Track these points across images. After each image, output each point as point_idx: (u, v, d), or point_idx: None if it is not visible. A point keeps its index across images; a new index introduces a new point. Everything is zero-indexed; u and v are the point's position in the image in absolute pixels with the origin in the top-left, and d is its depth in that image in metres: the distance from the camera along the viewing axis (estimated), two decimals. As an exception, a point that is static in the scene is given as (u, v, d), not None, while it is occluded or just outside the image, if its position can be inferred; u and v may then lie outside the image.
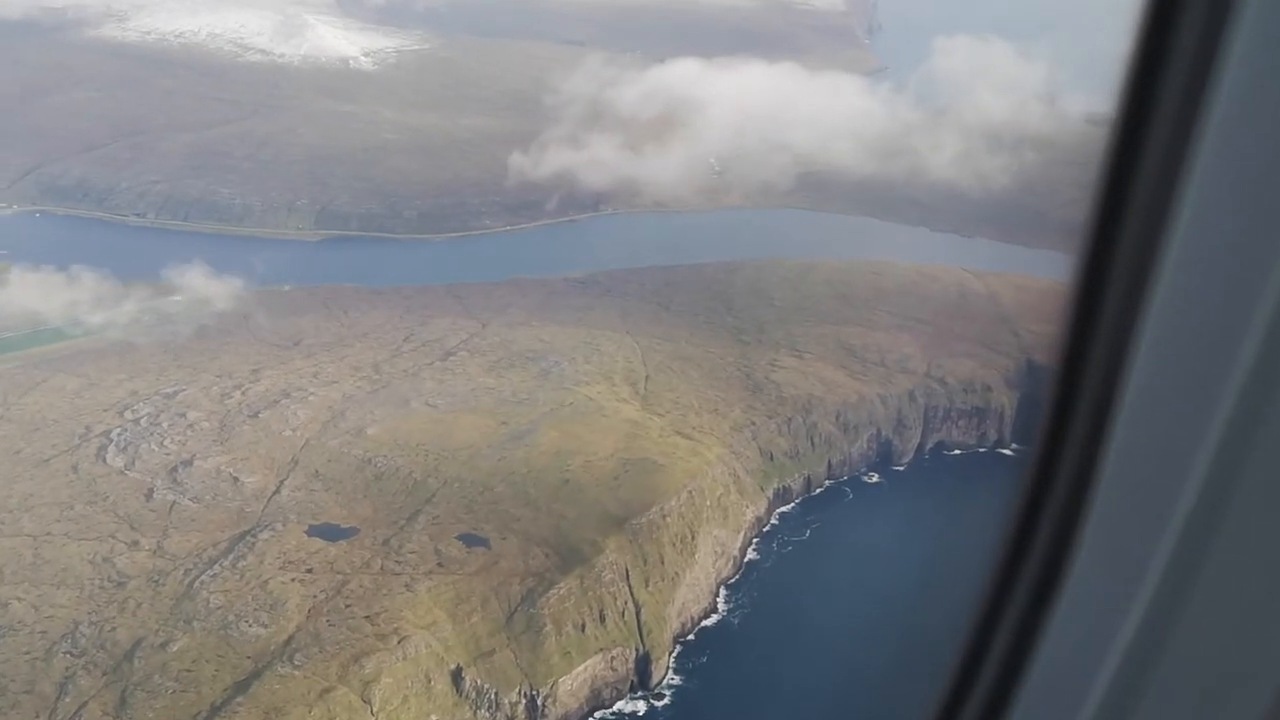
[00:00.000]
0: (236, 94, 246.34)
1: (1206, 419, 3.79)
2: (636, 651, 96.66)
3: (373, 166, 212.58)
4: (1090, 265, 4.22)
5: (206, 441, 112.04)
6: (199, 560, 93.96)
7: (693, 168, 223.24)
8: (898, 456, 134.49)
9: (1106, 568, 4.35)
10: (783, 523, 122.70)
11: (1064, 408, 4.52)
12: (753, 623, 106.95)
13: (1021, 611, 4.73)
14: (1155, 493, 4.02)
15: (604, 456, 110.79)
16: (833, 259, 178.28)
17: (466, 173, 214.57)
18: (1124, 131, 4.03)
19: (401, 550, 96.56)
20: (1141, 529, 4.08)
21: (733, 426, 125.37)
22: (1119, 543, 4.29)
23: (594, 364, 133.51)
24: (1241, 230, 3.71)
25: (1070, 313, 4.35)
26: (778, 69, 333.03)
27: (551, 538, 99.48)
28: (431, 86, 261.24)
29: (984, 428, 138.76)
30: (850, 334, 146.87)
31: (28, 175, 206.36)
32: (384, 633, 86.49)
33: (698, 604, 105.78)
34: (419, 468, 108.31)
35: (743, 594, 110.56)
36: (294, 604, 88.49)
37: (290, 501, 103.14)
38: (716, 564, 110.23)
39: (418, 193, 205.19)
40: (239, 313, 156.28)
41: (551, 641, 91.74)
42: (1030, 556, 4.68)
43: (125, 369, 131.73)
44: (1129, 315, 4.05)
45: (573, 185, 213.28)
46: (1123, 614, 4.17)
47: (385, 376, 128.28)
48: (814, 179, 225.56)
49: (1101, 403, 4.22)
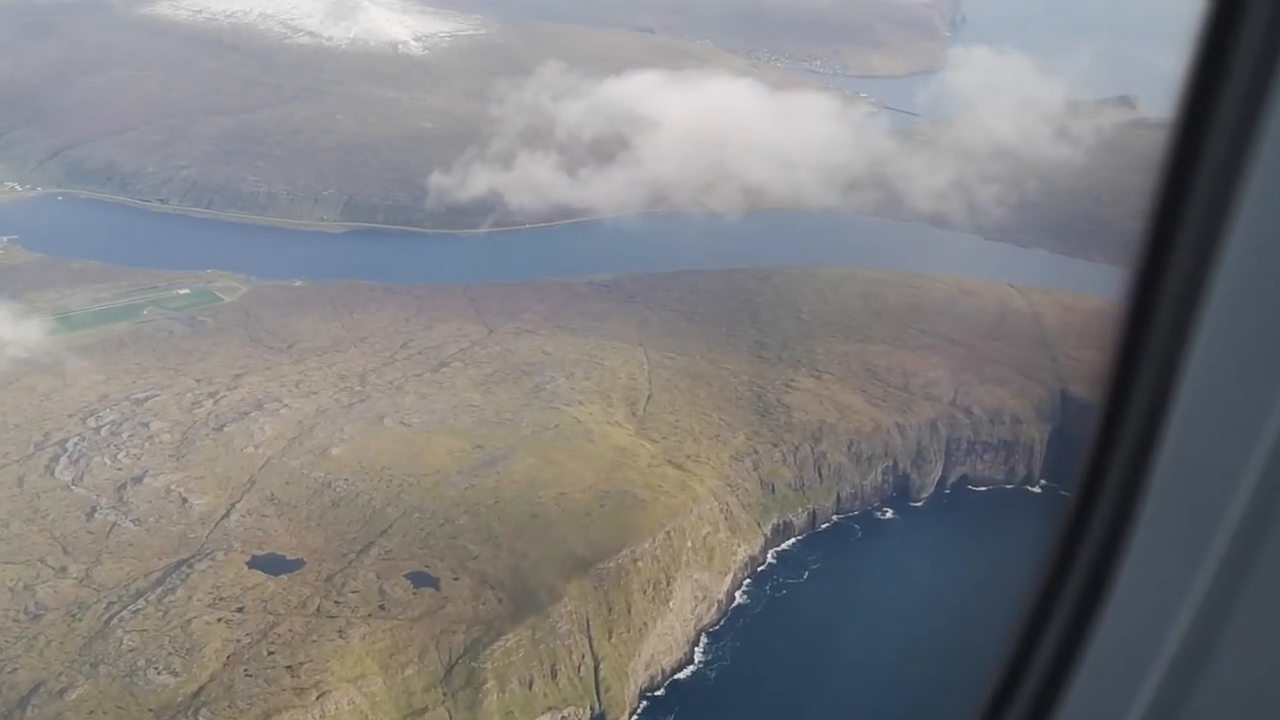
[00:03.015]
0: (279, 77, 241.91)
1: (1256, 433, 3.88)
2: (592, 710, 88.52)
3: (407, 156, 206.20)
4: (1144, 273, 4.29)
5: (162, 456, 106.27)
6: (125, 592, 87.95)
7: (741, 169, 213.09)
8: (915, 491, 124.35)
9: (1153, 581, 4.38)
10: (780, 563, 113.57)
11: (1114, 417, 4.57)
12: (730, 676, 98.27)
13: (1067, 622, 4.78)
14: (1201, 509, 4.10)
15: (581, 489, 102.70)
16: (871, 269, 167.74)
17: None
18: (1182, 138, 4.07)
19: (344, 589, 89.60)
20: (1187, 546, 4.14)
21: (733, 455, 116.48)
22: (1164, 560, 4.34)
23: (593, 380, 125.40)
24: None
25: (1123, 320, 4.44)
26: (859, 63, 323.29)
27: (508, 580, 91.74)
28: (481, 73, 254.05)
29: (1012, 463, 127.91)
30: (876, 353, 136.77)
31: (55, 156, 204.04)
32: (304, 686, 79.53)
33: (670, 655, 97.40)
34: (380, 494, 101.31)
35: (724, 643, 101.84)
36: (213, 649, 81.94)
37: (238, 528, 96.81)
38: (697, 610, 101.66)
39: (449, 185, 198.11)
40: (242, 309, 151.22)
41: (493, 699, 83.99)
42: (1076, 568, 4.74)
43: (105, 369, 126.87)
44: (1182, 323, 4.13)
45: (615, 183, 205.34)
46: (1169, 627, 4.23)
47: (368, 388, 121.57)
48: (873, 182, 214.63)
49: (1152, 412, 4.28)
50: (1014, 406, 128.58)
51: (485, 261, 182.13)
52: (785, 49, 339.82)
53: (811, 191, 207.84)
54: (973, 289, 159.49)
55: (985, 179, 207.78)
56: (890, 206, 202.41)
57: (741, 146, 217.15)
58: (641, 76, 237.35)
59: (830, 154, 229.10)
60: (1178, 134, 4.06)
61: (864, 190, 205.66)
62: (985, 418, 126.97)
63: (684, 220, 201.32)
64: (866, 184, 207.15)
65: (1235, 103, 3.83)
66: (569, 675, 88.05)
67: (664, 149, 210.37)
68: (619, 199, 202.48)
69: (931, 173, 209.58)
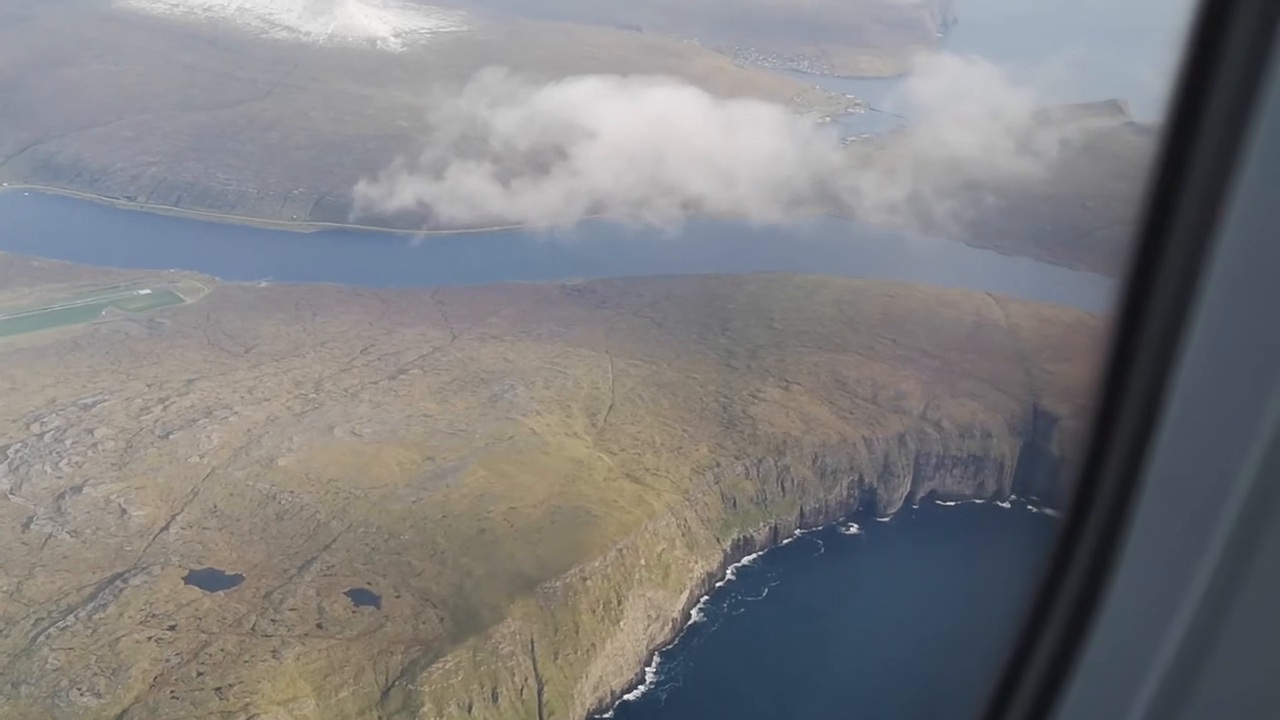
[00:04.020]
0: (254, 72, 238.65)
1: (1250, 439, 3.89)
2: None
3: (379, 155, 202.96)
4: (1134, 280, 4.29)
5: (105, 465, 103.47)
6: (56, 608, 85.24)
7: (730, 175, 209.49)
8: (882, 506, 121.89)
9: (1147, 589, 4.38)
10: (740, 579, 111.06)
11: (1106, 422, 4.54)
12: (682, 697, 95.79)
13: (1062, 631, 4.79)
14: (1195, 516, 4.11)
15: (532, 503, 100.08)
16: (848, 277, 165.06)
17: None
18: (1171, 142, 4.08)
19: (282, 606, 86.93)
20: (1181, 553, 4.16)
21: (694, 468, 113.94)
22: (1157, 568, 4.34)
23: (554, 389, 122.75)
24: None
25: (1113, 328, 4.47)
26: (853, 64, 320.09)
27: (451, 598, 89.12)
28: (460, 71, 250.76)
29: (981, 478, 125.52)
30: (846, 364, 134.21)
31: (24, 151, 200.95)
32: (231, 709, 76.88)
33: (621, 676, 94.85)
34: (325, 507, 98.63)
35: (678, 663, 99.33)
36: (141, 669, 79.25)
37: (177, 541, 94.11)
38: (650, 629, 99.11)
39: (418, 185, 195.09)
40: (203, 310, 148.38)
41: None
42: (1070, 576, 4.74)
43: (57, 371, 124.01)
44: (1173, 330, 4.14)
45: (593, 183, 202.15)
46: (1163, 634, 4.24)
47: (322, 396, 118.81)
48: (849, 189, 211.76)
49: (1145, 417, 4.27)
50: (985, 421, 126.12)
51: (459, 263, 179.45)
52: (773, 49, 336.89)
53: (793, 199, 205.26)
54: (950, 298, 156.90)
55: (966, 185, 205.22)
56: (869, 213, 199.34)
57: (742, 152, 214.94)
58: (590, 82, 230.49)
59: (815, 160, 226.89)
60: (1167, 138, 4.03)
61: (842, 197, 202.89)
62: (955, 432, 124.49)
63: (672, 224, 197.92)
64: (844, 191, 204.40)
65: (1224, 106, 3.80)
66: (510, 698, 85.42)
67: (605, 159, 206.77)
68: (573, 205, 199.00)
69: (914, 178, 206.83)
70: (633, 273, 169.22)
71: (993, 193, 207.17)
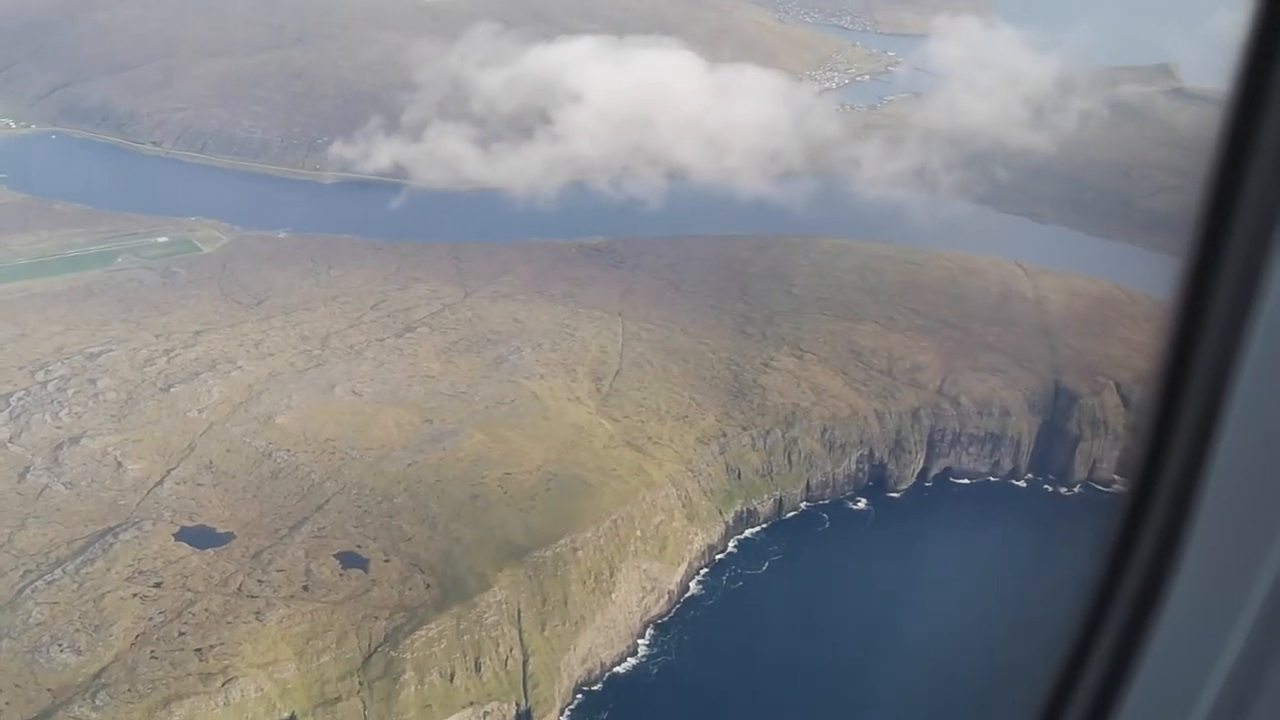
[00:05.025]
0: (285, 18, 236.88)
1: None
2: (518, 706, 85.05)
3: (405, 107, 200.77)
4: (1198, 262, 4.09)
5: (104, 416, 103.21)
6: (45, 560, 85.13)
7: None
8: (893, 482, 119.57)
9: (1211, 584, 4.25)
10: (741, 551, 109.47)
11: (1168, 410, 4.40)
12: (674, 670, 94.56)
13: (1122, 626, 4.66)
14: (1262, 505, 3.99)
15: (527, 470, 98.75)
16: (873, 242, 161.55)
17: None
18: (1240, 113, 3.85)
19: (270, 567, 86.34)
20: (1245, 552, 4.03)
21: (699, 438, 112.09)
22: (1222, 562, 4.22)
23: (560, 352, 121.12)
24: None
25: (1176, 310, 4.29)
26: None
27: (439, 565, 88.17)
28: (494, 19, 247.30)
29: (998, 455, 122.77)
30: (863, 333, 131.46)
31: (53, 93, 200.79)
32: (210, 671, 76.45)
33: (612, 648, 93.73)
34: (320, 467, 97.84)
35: (671, 636, 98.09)
36: (123, 627, 78.96)
37: (170, 496, 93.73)
38: (644, 601, 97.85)
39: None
40: (218, 260, 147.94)
41: (410, 691, 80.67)
42: (1131, 572, 4.60)
43: (68, 318, 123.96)
44: (1240, 312, 3.98)
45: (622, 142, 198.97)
46: (1227, 634, 4.12)
47: (327, 352, 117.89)
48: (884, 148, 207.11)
49: (1209, 406, 4.12)
50: (1004, 397, 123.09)
51: (480, 218, 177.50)
52: (816, 2, 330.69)
53: (819, 162, 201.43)
54: (977, 267, 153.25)
55: (1003, 149, 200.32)
56: (898, 178, 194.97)
57: (771, 116, 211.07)
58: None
59: (843, 122, 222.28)
60: (1235, 108, 3.74)
61: (870, 161, 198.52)
62: (973, 408, 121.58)
63: (706, 184, 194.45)
64: (873, 154, 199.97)
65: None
66: (494, 668, 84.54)
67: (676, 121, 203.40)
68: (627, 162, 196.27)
69: (948, 142, 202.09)
70: (657, 232, 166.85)
71: (1032, 157, 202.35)
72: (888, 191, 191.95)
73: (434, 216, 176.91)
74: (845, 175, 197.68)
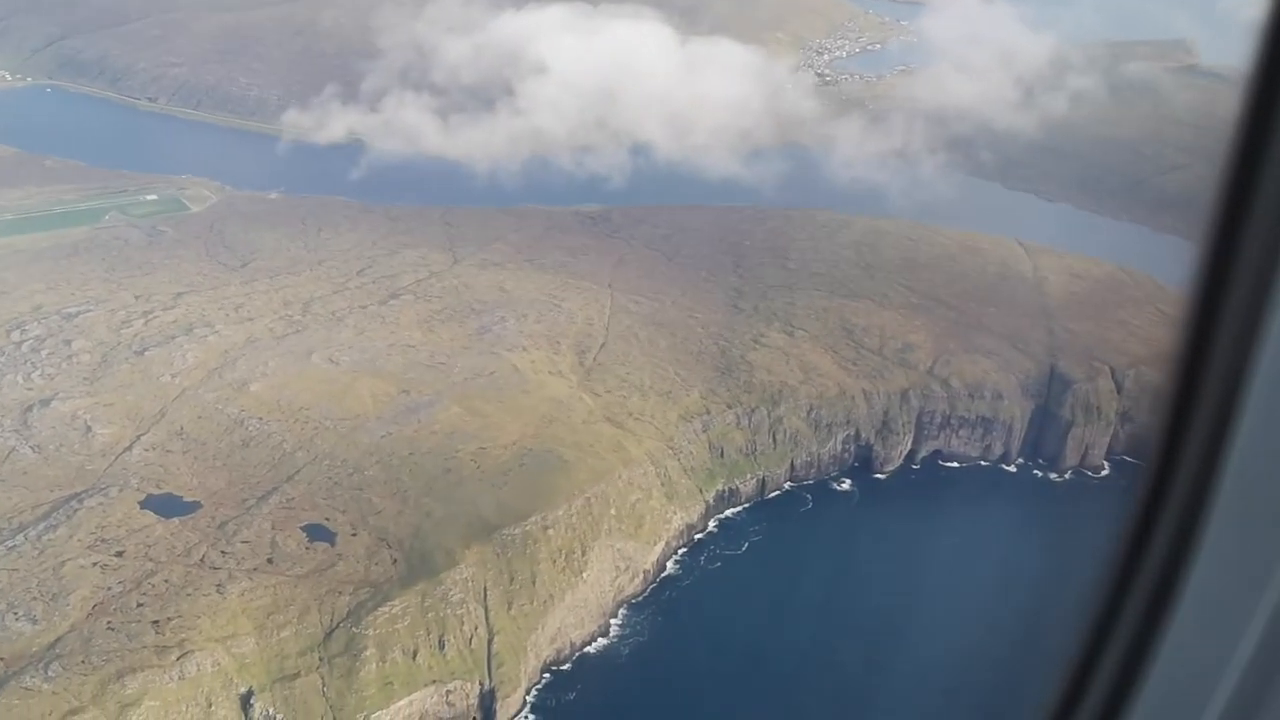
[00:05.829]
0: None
1: None
2: (481, 686, 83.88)
3: (409, 66, 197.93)
4: (1216, 248, 4.01)
5: (76, 379, 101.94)
6: (7, 526, 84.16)
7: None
8: (879, 463, 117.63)
9: (1227, 579, 4.20)
10: (721, 531, 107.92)
11: (1184, 403, 4.34)
12: (645, 652, 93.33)
13: (1137, 622, 4.60)
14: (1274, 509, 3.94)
15: (502, 445, 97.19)
16: (873, 216, 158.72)
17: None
18: (1260, 94, 3.75)
19: (234, 538, 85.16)
20: (1260, 548, 3.99)
21: (682, 415, 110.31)
22: (1237, 559, 4.17)
23: (545, 324, 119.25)
24: None
25: (1194, 296, 4.19)
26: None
27: (407, 540, 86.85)
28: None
29: (989, 439, 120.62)
30: (856, 310, 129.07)
31: (50, 46, 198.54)
32: (166, 644, 75.42)
33: (582, 628, 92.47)
34: (292, 437, 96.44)
35: (645, 616, 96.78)
36: (81, 596, 77.97)
37: (138, 463, 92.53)
38: (618, 580, 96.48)
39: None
40: (206, 220, 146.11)
41: (371, 668, 79.58)
42: (1145, 566, 4.54)
43: (49, 277, 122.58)
44: (1258, 299, 3.89)
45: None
46: (1241, 633, 4.06)
47: (308, 318, 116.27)
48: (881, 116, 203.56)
49: (1225, 399, 4.06)
50: (997, 381, 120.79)
51: (477, 184, 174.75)
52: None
53: (820, 132, 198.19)
54: (977, 245, 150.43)
55: (1010, 123, 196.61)
56: (901, 150, 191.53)
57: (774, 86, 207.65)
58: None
59: (845, 91, 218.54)
60: (1255, 89, 3.62)
61: (874, 132, 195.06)
62: (964, 391, 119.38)
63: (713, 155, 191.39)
64: (877, 126, 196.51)
65: None
66: (458, 646, 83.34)
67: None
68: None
69: (956, 114, 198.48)
70: (655, 200, 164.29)
71: (1040, 132, 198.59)
72: (888, 166, 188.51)
73: (432, 178, 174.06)
74: (835, 150, 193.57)
